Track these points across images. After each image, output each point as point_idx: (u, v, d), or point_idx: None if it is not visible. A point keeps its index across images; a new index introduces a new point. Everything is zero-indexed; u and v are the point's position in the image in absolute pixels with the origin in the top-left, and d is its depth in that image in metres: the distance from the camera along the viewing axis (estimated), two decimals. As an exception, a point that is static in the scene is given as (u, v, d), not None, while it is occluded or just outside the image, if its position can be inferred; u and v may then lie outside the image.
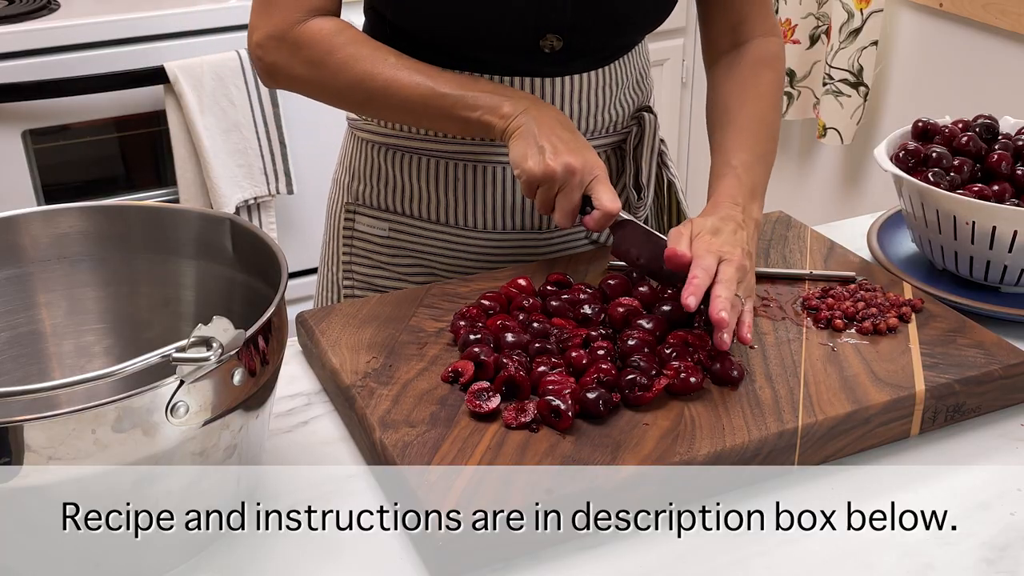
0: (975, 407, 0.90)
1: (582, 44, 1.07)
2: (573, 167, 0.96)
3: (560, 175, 0.97)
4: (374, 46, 1.05)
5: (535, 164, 0.97)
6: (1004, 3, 1.91)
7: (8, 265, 0.87)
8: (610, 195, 0.97)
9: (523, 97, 1.01)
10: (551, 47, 1.06)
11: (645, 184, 1.16)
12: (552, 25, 1.04)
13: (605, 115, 1.13)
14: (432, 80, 1.02)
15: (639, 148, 1.16)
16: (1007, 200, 1.06)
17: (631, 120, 1.17)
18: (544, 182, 0.98)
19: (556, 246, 1.17)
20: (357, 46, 1.04)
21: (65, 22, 2.06)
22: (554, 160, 0.96)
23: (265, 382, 0.74)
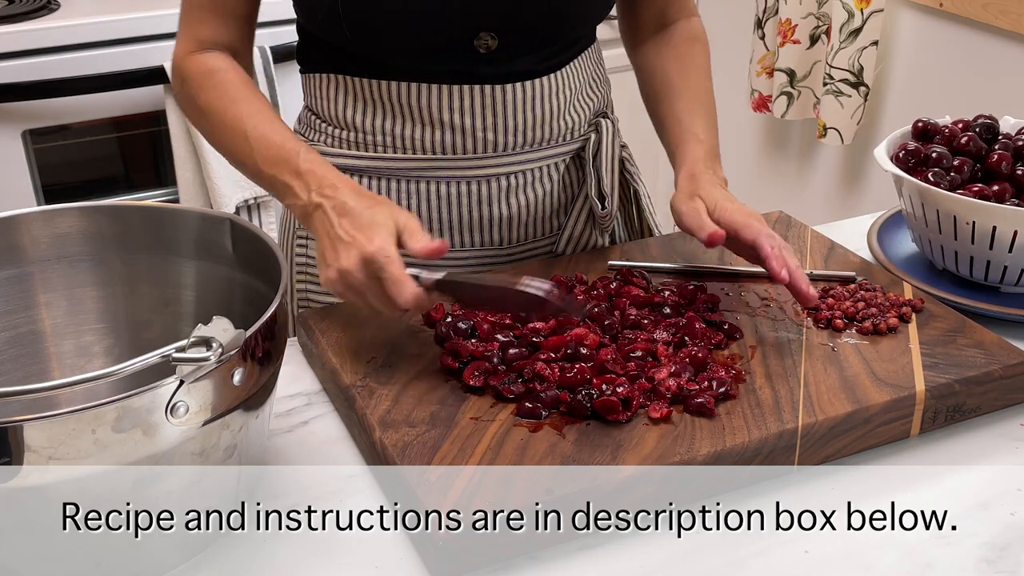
0: (975, 407, 0.90)
1: (517, 42, 1.05)
2: (346, 270, 0.87)
3: (341, 284, 0.89)
4: (233, 97, 1.02)
5: (323, 279, 0.90)
6: (1004, 3, 1.91)
7: (8, 265, 0.87)
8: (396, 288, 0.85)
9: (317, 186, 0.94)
10: (486, 47, 1.03)
11: (608, 193, 1.12)
12: (484, 22, 1.02)
13: (559, 123, 1.10)
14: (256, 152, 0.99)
15: (598, 156, 1.13)
16: (1007, 200, 1.06)
17: (588, 127, 1.15)
18: (341, 292, 0.90)
19: (519, 260, 1.14)
20: (219, 92, 1.03)
21: (65, 22, 2.06)
22: (331, 270, 0.89)
23: (265, 382, 0.74)
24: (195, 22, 1.06)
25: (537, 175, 1.11)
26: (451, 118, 1.06)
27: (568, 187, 1.14)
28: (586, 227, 1.15)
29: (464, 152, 1.07)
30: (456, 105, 1.05)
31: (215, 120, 1.03)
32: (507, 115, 1.07)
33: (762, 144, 2.65)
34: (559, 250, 1.15)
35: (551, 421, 0.84)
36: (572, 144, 1.13)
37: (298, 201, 0.95)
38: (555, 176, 1.12)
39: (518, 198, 1.10)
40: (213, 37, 1.06)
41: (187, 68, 1.06)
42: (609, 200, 1.12)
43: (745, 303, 1.02)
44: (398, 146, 1.07)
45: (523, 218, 1.12)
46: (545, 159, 1.11)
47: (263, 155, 0.99)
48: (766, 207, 1.09)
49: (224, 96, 1.03)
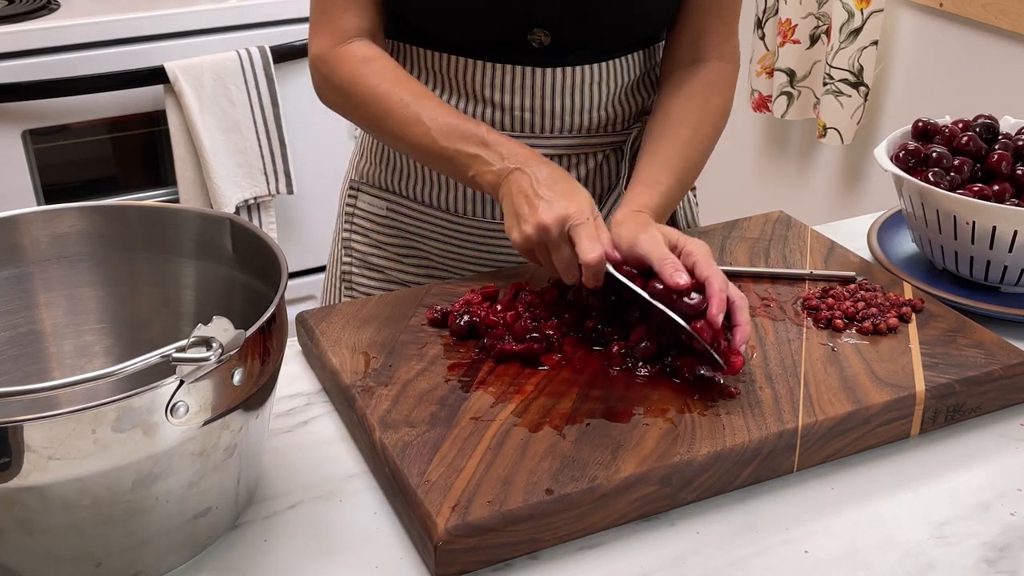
0: (975, 407, 0.90)
1: (571, 40, 1.07)
2: (544, 224, 0.94)
3: (536, 238, 0.95)
4: (396, 81, 1.05)
5: (516, 234, 0.97)
6: (1004, 3, 1.91)
7: (8, 265, 0.87)
8: (588, 243, 0.92)
9: (510, 155, 1.00)
10: (539, 42, 1.06)
11: None
12: (539, 20, 1.04)
13: (601, 113, 1.12)
14: (434, 130, 1.02)
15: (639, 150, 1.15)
16: (1007, 200, 1.06)
17: (633, 122, 1.16)
18: (531, 248, 0.97)
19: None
20: (379, 78, 1.05)
21: (65, 22, 2.06)
22: (528, 225, 0.95)
23: (265, 382, 0.74)
24: (337, 13, 1.08)
25: (574, 161, 1.13)
26: (492, 95, 1.08)
27: (604, 178, 1.16)
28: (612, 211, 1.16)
29: (503, 129, 1.09)
30: (499, 83, 1.08)
31: (380, 104, 1.05)
32: (550, 98, 1.09)
33: (762, 144, 2.65)
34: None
35: (550, 420, 0.84)
36: (612, 136, 1.14)
37: (489, 167, 1.00)
38: (591, 165, 1.14)
39: None
40: (357, 25, 1.08)
41: (337, 59, 1.07)
42: None
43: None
44: None
45: None
46: (582, 147, 1.12)
47: (442, 131, 1.02)
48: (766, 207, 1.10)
49: (386, 81, 1.05)
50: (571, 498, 0.76)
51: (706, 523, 0.79)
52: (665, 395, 0.87)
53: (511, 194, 0.98)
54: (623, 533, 0.78)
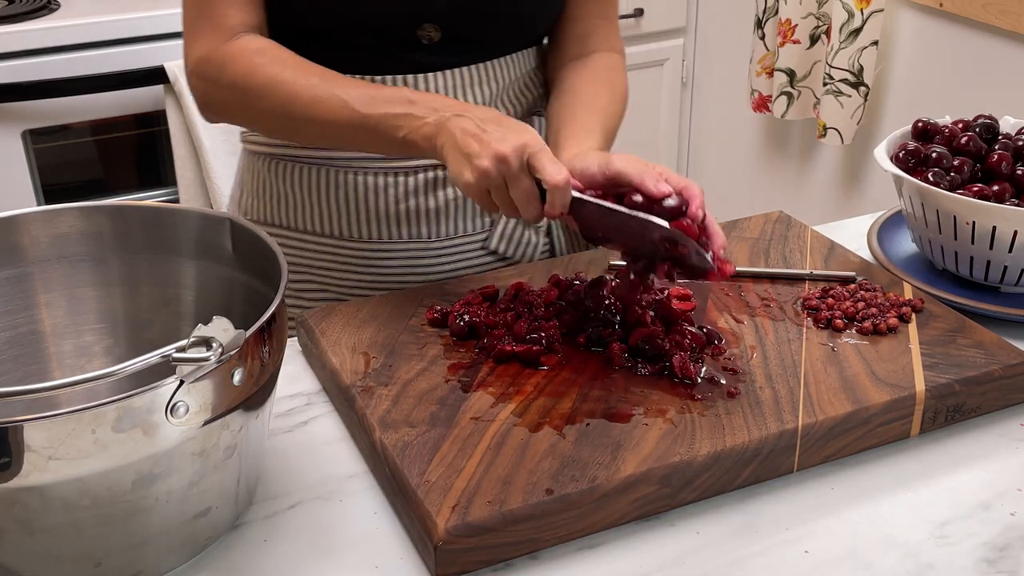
0: (975, 407, 0.90)
1: (459, 35, 1.06)
2: (502, 154, 0.88)
3: (494, 170, 0.89)
4: (297, 66, 1.00)
5: (469, 174, 0.90)
6: (1004, 3, 1.91)
7: (8, 265, 0.87)
8: (553, 167, 0.88)
9: (443, 106, 0.95)
10: (429, 38, 1.05)
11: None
12: (430, 14, 1.04)
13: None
14: (353, 101, 0.97)
15: None
16: (1007, 200, 1.06)
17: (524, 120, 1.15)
18: (487, 186, 0.90)
19: (449, 256, 1.14)
20: (279, 66, 1.00)
21: (65, 22, 2.06)
22: (483, 159, 0.89)
23: (265, 382, 0.74)
24: (219, 11, 1.03)
25: None
26: None
27: None
28: (518, 225, 1.15)
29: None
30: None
31: (285, 90, 0.99)
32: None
33: (762, 144, 2.65)
34: (493, 247, 1.14)
35: (550, 420, 0.84)
36: None
37: (423, 121, 0.94)
38: None
39: (446, 192, 1.11)
40: (243, 20, 1.03)
41: (225, 56, 1.02)
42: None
43: (745, 303, 1.02)
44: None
45: (451, 212, 1.12)
46: None
47: (362, 101, 0.97)
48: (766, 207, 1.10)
49: (287, 67, 1.00)
50: (571, 498, 0.76)
51: (706, 523, 0.79)
52: (665, 395, 0.87)
53: (455, 137, 0.91)
54: (623, 533, 0.78)
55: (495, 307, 0.98)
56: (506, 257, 1.16)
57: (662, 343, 0.91)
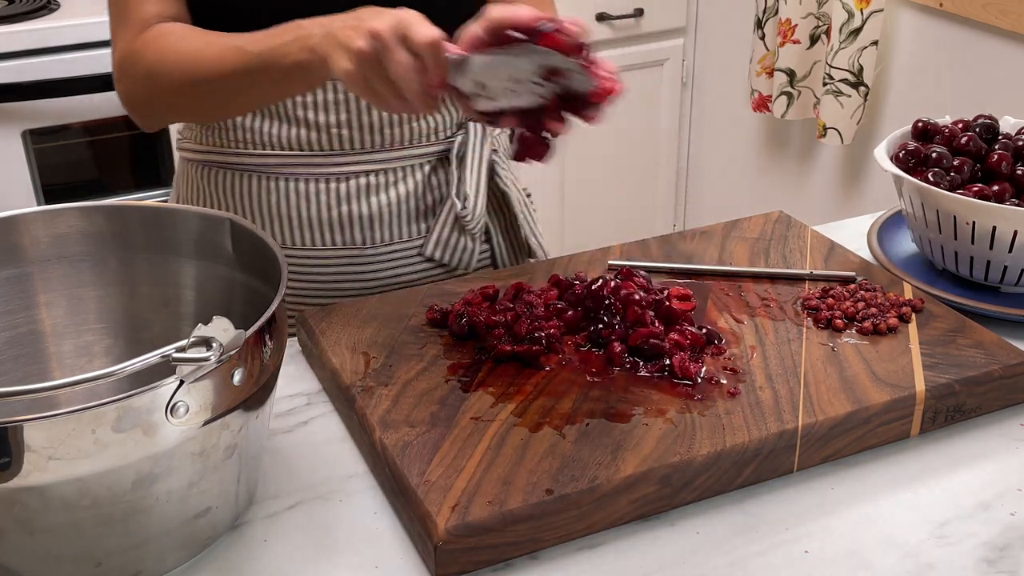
0: (975, 407, 0.90)
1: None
2: (375, 30, 0.83)
3: (369, 48, 0.84)
4: (203, 35, 0.98)
5: (347, 61, 0.85)
6: (1004, 3, 1.91)
7: (8, 265, 0.87)
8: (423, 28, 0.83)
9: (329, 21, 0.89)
10: None
11: (471, 193, 1.11)
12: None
13: (419, 123, 1.10)
14: (249, 44, 0.94)
15: (463, 158, 1.12)
16: (1007, 200, 1.06)
17: (456, 130, 1.14)
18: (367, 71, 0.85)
19: (384, 263, 1.13)
20: (186, 42, 0.98)
21: (65, 22, 2.06)
22: (357, 41, 0.84)
23: (265, 382, 0.74)
24: (133, 6, 1.03)
25: (400, 175, 1.11)
26: (305, 114, 1.06)
27: (435, 189, 1.13)
28: (453, 230, 1.13)
29: (319, 149, 1.07)
30: (309, 100, 1.06)
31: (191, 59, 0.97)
32: (360, 112, 1.07)
33: (762, 144, 2.65)
34: (428, 254, 1.13)
35: (550, 420, 0.84)
36: (436, 146, 1.12)
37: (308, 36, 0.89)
38: (419, 177, 1.12)
39: (379, 197, 1.10)
40: (158, 11, 1.03)
41: (139, 48, 1.01)
42: (471, 200, 1.11)
43: (745, 303, 1.02)
44: (257, 142, 1.08)
45: (385, 218, 1.11)
46: (405, 159, 1.10)
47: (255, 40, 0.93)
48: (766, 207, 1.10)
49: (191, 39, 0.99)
50: (571, 498, 0.76)
51: (706, 523, 0.79)
52: (665, 395, 0.87)
53: (335, 35, 0.87)
54: (623, 533, 0.78)
55: (495, 307, 0.99)
56: (443, 264, 1.15)
57: (662, 343, 0.91)
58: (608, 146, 2.73)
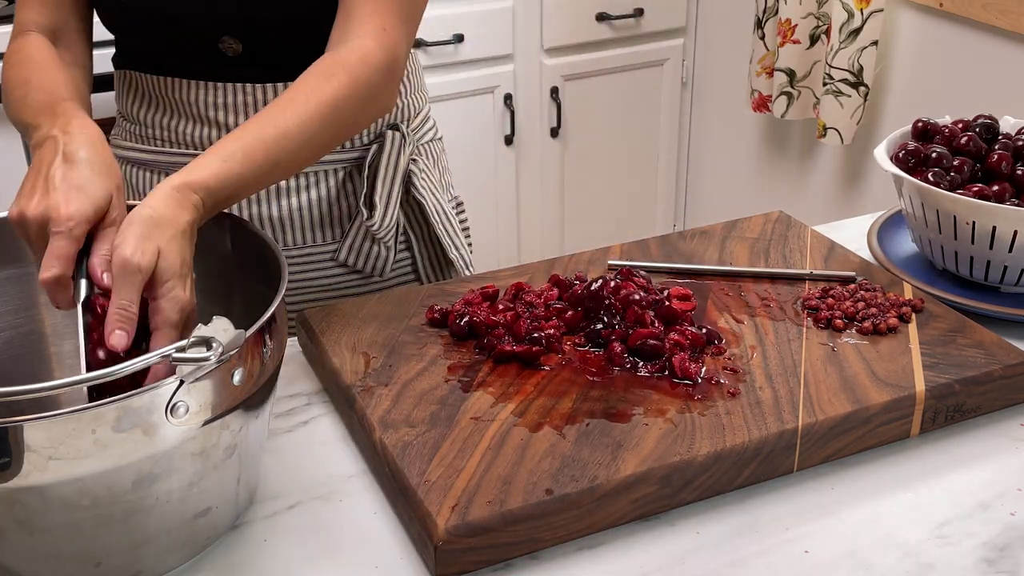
0: (975, 407, 0.90)
1: (262, 46, 1.04)
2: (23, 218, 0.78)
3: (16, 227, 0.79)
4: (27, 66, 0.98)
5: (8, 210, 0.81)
6: (1004, 3, 1.91)
7: (8, 265, 0.87)
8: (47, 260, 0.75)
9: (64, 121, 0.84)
10: (232, 50, 1.04)
11: (379, 203, 1.10)
12: (224, 26, 1.03)
13: None
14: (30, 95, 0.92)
15: (376, 166, 1.11)
16: (1007, 200, 1.06)
17: (374, 137, 1.13)
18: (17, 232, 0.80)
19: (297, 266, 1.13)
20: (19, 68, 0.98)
21: (65, 22, 2.06)
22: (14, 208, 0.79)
23: (265, 382, 0.74)
24: (21, 6, 1.05)
25: (312, 180, 1.11)
26: (216, 115, 1.07)
27: (350, 196, 1.13)
28: (366, 238, 1.13)
29: None
30: (220, 102, 1.06)
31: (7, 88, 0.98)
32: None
33: (762, 144, 2.65)
34: (341, 259, 1.13)
35: (550, 420, 0.84)
36: (350, 153, 1.12)
37: (39, 133, 0.85)
38: (332, 183, 1.11)
39: (289, 201, 1.10)
40: (36, 19, 1.05)
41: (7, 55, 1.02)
42: (379, 211, 1.10)
43: (745, 303, 1.02)
44: (173, 140, 1.09)
45: (298, 222, 1.11)
46: (318, 165, 1.10)
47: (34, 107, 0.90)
48: (766, 207, 1.10)
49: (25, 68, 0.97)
50: (571, 498, 0.76)
51: (706, 523, 0.79)
52: (665, 395, 0.87)
53: (33, 164, 0.82)
54: (623, 533, 0.78)
55: (495, 307, 0.99)
56: (357, 270, 1.15)
57: (662, 343, 0.91)
58: (608, 146, 2.73)
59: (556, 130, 2.63)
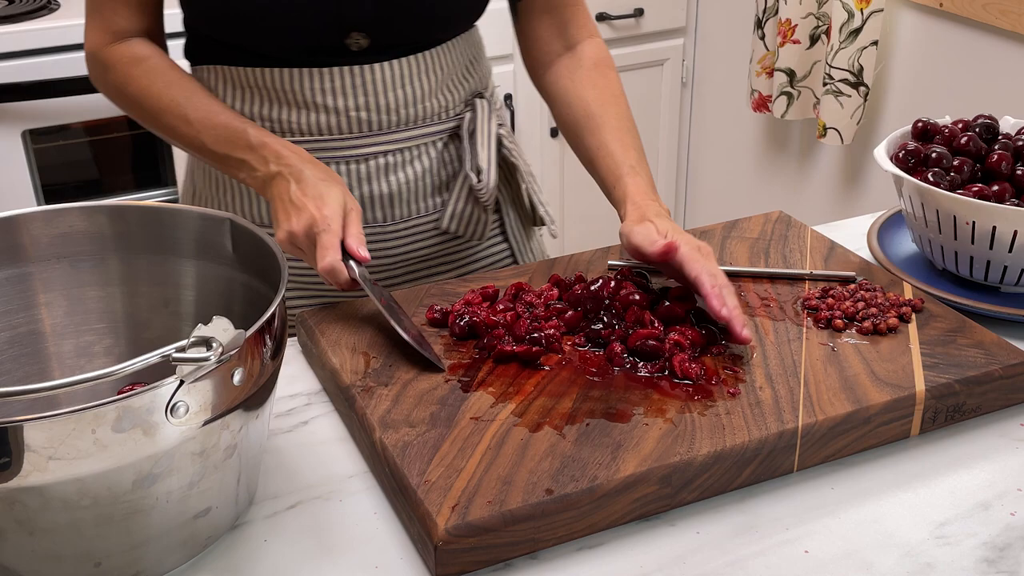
0: (975, 407, 0.90)
1: (389, 40, 1.08)
2: (293, 232, 0.95)
3: (289, 244, 0.97)
4: (166, 82, 1.06)
5: (277, 239, 0.97)
6: (1004, 3, 1.91)
7: (8, 265, 0.87)
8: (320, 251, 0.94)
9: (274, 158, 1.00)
10: (358, 45, 1.06)
11: (484, 167, 1.14)
12: (356, 23, 1.05)
13: (431, 102, 1.12)
14: (203, 133, 1.03)
15: (474, 133, 1.15)
16: (1007, 200, 1.06)
17: (465, 107, 1.17)
18: (294, 254, 0.98)
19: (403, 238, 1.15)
20: (150, 79, 1.07)
21: (65, 22, 2.06)
22: (282, 231, 0.97)
23: (265, 382, 0.74)
24: (107, 14, 1.09)
25: (415, 153, 1.13)
26: (323, 100, 1.08)
27: (448, 164, 1.16)
28: (467, 203, 1.16)
29: (339, 132, 1.09)
30: (327, 87, 1.08)
31: (151, 106, 1.07)
32: (377, 94, 1.09)
33: (762, 144, 2.65)
34: (444, 227, 1.16)
35: (550, 420, 0.84)
36: (447, 123, 1.15)
37: (256, 173, 1.01)
38: (433, 154, 1.14)
39: (396, 176, 1.12)
40: (128, 27, 1.09)
41: (110, 57, 1.09)
42: (485, 174, 1.14)
43: (745, 303, 1.02)
44: (276, 130, 1.10)
45: (403, 196, 1.13)
46: (420, 138, 1.13)
47: (210, 135, 1.03)
48: (766, 207, 1.10)
49: (157, 81, 1.07)
50: (571, 498, 0.76)
51: (706, 523, 0.79)
52: (665, 395, 0.87)
53: (273, 200, 0.99)
54: (623, 533, 0.78)
55: (495, 307, 0.99)
56: (458, 236, 1.18)
57: (661, 344, 0.91)
58: (608, 146, 2.73)
59: (556, 130, 2.63)
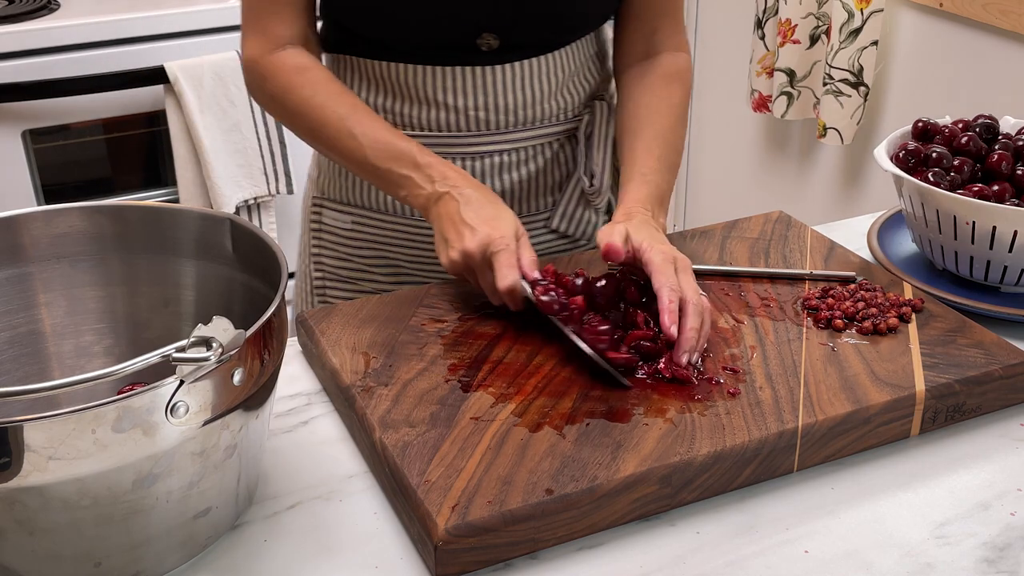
0: (975, 407, 0.90)
1: (520, 42, 1.09)
2: (468, 251, 0.96)
3: (462, 263, 0.97)
4: (328, 93, 1.06)
5: (444, 259, 0.99)
6: (1004, 3, 1.91)
7: (8, 265, 0.86)
8: (502, 271, 0.94)
9: (440, 178, 1.01)
10: (488, 45, 1.07)
11: (598, 171, 1.16)
12: (489, 25, 1.06)
13: (551, 103, 1.13)
14: (366, 147, 1.04)
15: (591, 136, 1.16)
16: (1007, 200, 1.06)
17: (583, 108, 1.17)
18: (460, 274, 0.99)
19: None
20: (313, 89, 1.07)
21: (65, 22, 2.06)
22: (454, 251, 0.97)
23: (265, 382, 0.74)
24: (267, 20, 1.09)
25: (531, 153, 1.14)
26: (444, 97, 1.10)
27: (562, 165, 1.17)
28: (579, 205, 1.18)
29: (457, 130, 1.11)
30: (450, 85, 1.09)
31: (314, 116, 1.07)
32: (501, 94, 1.10)
33: (762, 144, 2.65)
34: (554, 226, 1.18)
35: (550, 420, 0.84)
36: (565, 124, 1.16)
37: (420, 191, 1.02)
38: (548, 154, 1.15)
39: (511, 175, 1.14)
40: (289, 33, 1.09)
41: (269, 67, 1.09)
42: (598, 178, 1.15)
43: (745, 303, 1.02)
44: (399, 124, 1.12)
45: (517, 194, 1.15)
46: (537, 139, 1.14)
47: (375, 151, 1.04)
48: (766, 207, 1.10)
49: (320, 92, 1.07)
50: (571, 498, 0.76)
51: (706, 523, 0.79)
52: (665, 395, 0.87)
53: (440, 219, 1.00)
54: (623, 533, 0.78)
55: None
56: (567, 235, 1.19)
57: (655, 345, 0.91)
58: (608, 146, 2.73)
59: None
